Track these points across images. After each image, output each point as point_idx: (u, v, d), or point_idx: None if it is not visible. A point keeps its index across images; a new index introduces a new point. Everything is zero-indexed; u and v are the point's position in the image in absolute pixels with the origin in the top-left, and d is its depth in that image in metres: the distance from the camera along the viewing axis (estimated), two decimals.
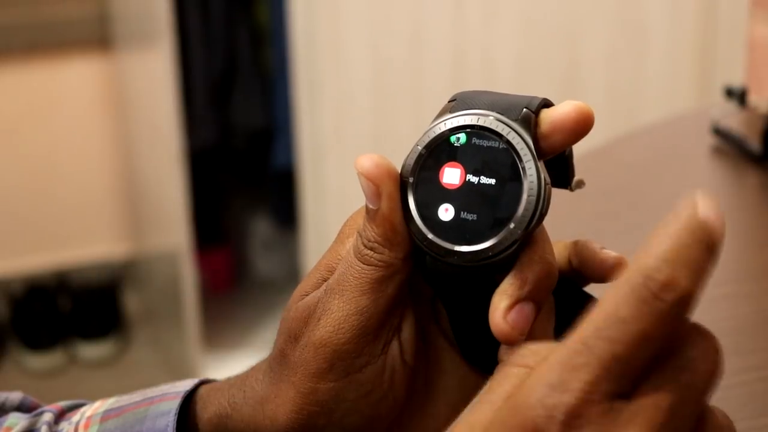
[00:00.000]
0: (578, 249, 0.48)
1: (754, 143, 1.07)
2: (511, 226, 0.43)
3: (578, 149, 0.47)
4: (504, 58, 1.96)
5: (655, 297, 0.34)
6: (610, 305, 0.35)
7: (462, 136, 0.44)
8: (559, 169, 0.47)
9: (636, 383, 0.36)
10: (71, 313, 2.33)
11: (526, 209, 0.43)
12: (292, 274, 2.35)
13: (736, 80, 1.44)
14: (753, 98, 1.18)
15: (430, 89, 1.94)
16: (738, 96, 1.15)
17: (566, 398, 0.35)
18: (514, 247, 0.43)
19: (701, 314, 0.86)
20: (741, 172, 1.08)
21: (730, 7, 1.99)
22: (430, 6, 1.91)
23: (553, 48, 1.98)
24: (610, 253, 0.48)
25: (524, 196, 0.43)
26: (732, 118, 1.14)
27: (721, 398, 0.69)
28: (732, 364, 0.73)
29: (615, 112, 2.01)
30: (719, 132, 1.11)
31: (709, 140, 1.12)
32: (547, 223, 0.45)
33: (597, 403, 0.35)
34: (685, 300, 0.35)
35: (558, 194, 0.45)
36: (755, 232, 0.98)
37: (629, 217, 0.99)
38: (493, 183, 0.43)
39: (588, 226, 0.95)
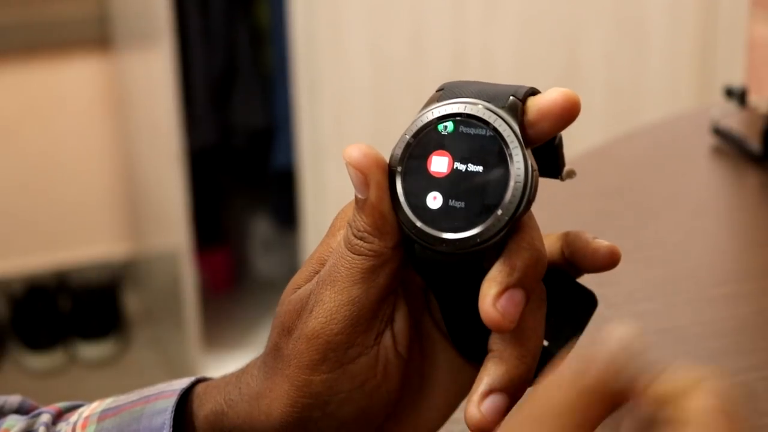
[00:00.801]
0: (570, 239, 0.48)
1: (754, 143, 1.07)
2: (499, 212, 0.43)
3: (578, 148, 0.47)
4: (504, 58, 1.96)
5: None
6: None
7: (449, 125, 0.44)
8: (550, 158, 0.47)
9: None
10: (71, 313, 2.33)
11: (513, 196, 0.43)
12: (292, 274, 2.31)
13: (736, 80, 1.44)
14: (753, 98, 1.18)
15: (430, 88, 1.92)
16: (738, 96, 1.15)
17: None
18: (501, 234, 0.43)
19: (702, 314, 0.86)
20: (741, 172, 1.08)
21: (730, 7, 1.99)
22: (430, 5, 1.91)
23: (553, 47, 1.98)
24: (602, 242, 0.48)
25: (511, 183, 0.43)
26: (732, 118, 1.13)
27: None
28: (732, 363, 0.73)
29: (615, 112, 2.01)
30: (719, 132, 1.11)
31: (709, 140, 1.12)
32: (547, 222, 0.45)
33: None
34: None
35: (557, 193, 0.44)
36: (755, 232, 0.98)
37: (629, 217, 0.99)
38: (480, 170, 0.43)
39: (587, 225, 0.95)
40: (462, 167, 0.44)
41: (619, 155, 1.12)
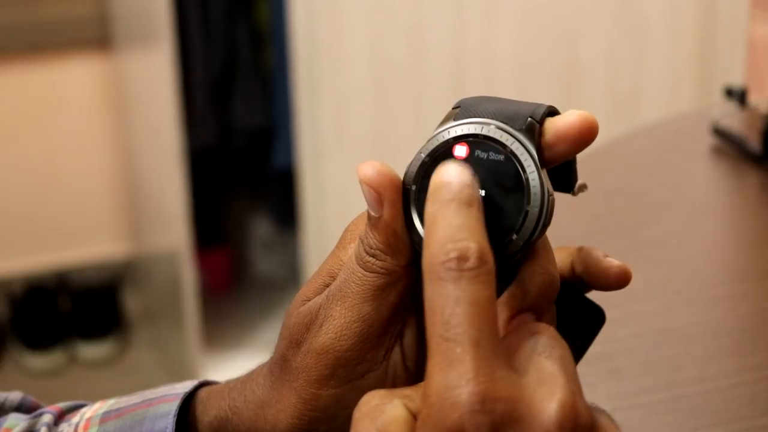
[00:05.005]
0: (582, 256, 0.48)
1: (754, 143, 1.07)
2: (514, 236, 0.42)
3: None
4: (504, 58, 1.96)
5: (459, 271, 0.37)
6: (436, 305, 0.37)
7: (465, 145, 0.44)
8: (563, 173, 0.47)
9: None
10: (71, 313, 2.33)
11: (528, 220, 0.42)
12: (292, 274, 2.34)
13: (736, 80, 1.44)
14: (753, 98, 1.18)
15: (430, 89, 1.94)
16: (738, 96, 1.15)
17: (471, 387, 0.35)
18: (516, 258, 0.43)
19: (702, 314, 0.86)
20: (741, 172, 1.08)
21: (730, 7, 1.99)
22: (430, 5, 1.91)
23: (554, 48, 1.98)
24: (613, 261, 0.48)
25: (527, 208, 0.42)
26: (732, 118, 1.14)
27: (723, 398, 0.69)
28: (732, 364, 0.73)
29: (615, 112, 2.01)
30: (719, 132, 1.11)
31: (709, 140, 1.12)
32: None
33: (499, 379, 0.36)
34: (477, 257, 0.37)
35: (558, 194, 0.45)
36: (755, 232, 0.98)
37: (629, 217, 0.99)
38: (496, 193, 0.43)
39: (588, 226, 0.95)
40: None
41: (619, 155, 1.12)
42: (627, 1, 1.98)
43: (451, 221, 0.37)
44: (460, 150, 0.44)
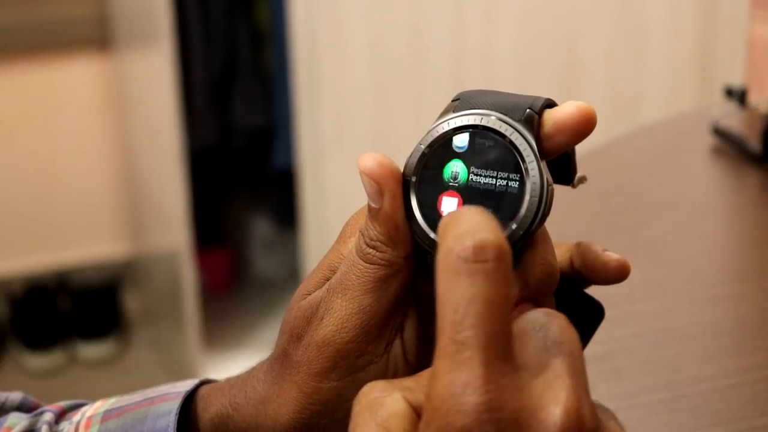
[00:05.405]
0: (581, 251, 0.48)
1: (754, 143, 1.07)
2: (513, 226, 0.43)
3: (579, 148, 0.47)
4: (504, 58, 1.96)
5: (475, 263, 0.35)
6: (449, 302, 0.35)
7: (465, 136, 0.44)
8: (562, 166, 0.47)
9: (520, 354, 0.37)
10: (71, 313, 2.33)
11: (528, 210, 0.43)
12: (292, 274, 2.35)
13: (736, 80, 1.44)
14: (753, 98, 1.18)
15: (430, 89, 1.94)
16: (738, 96, 1.15)
17: (477, 396, 0.34)
18: (515, 247, 0.43)
19: (702, 314, 0.86)
20: (741, 172, 1.08)
21: (730, 7, 1.99)
22: (430, 5, 1.91)
23: (553, 47, 1.98)
24: (612, 255, 0.48)
25: (527, 197, 0.43)
26: (732, 118, 1.14)
27: (723, 398, 0.69)
28: (733, 363, 0.73)
29: (615, 112, 2.01)
30: (719, 132, 1.11)
31: (709, 140, 1.12)
32: (547, 222, 0.45)
33: (506, 387, 0.35)
34: (495, 250, 0.35)
35: (558, 193, 0.45)
36: (755, 232, 0.98)
37: (629, 217, 0.99)
38: (495, 183, 0.43)
39: (588, 225, 0.95)
40: (477, 179, 0.44)
41: (619, 155, 1.13)
42: (627, 1, 1.98)
43: (470, 218, 0.36)
44: (460, 140, 0.44)
